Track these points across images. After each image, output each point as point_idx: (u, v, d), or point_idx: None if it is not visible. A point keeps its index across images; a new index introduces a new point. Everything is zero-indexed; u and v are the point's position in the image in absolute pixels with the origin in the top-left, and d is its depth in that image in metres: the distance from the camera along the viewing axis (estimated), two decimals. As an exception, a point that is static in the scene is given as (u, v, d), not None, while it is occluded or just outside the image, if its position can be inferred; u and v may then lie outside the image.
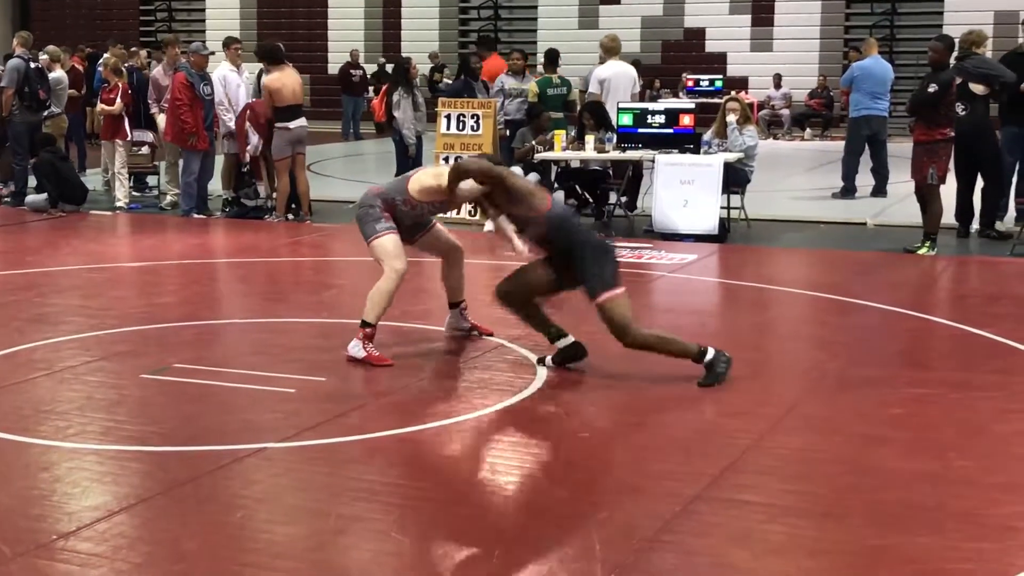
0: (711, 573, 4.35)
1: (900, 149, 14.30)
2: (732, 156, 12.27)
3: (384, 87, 14.20)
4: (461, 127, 13.42)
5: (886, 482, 5.23)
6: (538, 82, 14.48)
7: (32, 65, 14.33)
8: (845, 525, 4.74)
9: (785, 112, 25.49)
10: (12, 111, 14.29)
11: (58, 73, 15.25)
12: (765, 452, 5.63)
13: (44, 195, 13.92)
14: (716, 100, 18.91)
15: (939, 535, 4.63)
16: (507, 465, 5.41)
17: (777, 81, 25.60)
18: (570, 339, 7.04)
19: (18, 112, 14.28)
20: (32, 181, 14.49)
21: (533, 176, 12.83)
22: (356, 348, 7.11)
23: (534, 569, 4.34)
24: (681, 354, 6.75)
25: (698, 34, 27.34)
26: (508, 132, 13.70)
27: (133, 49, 17.29)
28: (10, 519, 4.77)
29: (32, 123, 14.37)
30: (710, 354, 6.68)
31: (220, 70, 14.02)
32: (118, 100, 14.16)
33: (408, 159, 13.93)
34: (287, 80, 12.98)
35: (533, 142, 12.92)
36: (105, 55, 15.68)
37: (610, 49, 14.15)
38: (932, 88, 11.13)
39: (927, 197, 11.33)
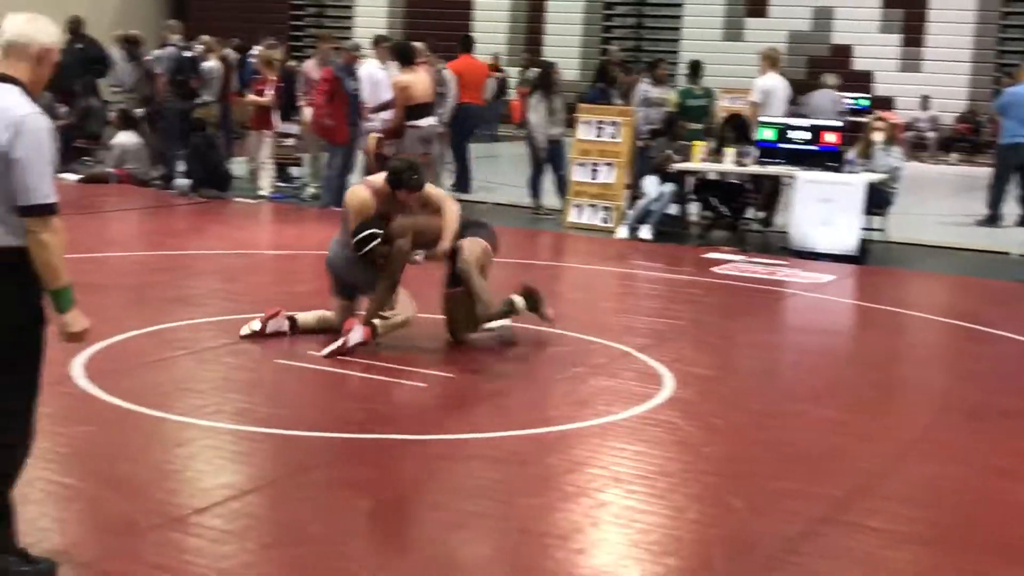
0: (831, 596, 4.30)
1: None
2: (876, 176, 12.06)
3: (526, 89, 14.24)
4: (600, 134, 13.43)
5: (1013, 516, 5.11)
6: (679, 92, 14.43)
7: (185, 54, 14.75)
8: (969, 556, 4.65)
9: (931, 135, 24.92)
10: (165, 98, 14.76)
11: (212, 63, 15.67)
12: (892, 478, 5.54)
13: (190, 180, 14.34)
14: (860, 119, 18.57)
15: (1069, 575, 4.51)
16: (629, 474, 5.41)
17: (924, 103, 25.05)
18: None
19: (170, 99, 14.75)
20: (180, 166, 14.94)
21: (668, 186, 12.80)
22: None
23: (652, 578, 4.34)
24: None
25: (845, 51, 26.86)
26: (653, 142, 13.64)
27: (273, 43, 17.74)
28: (146, 492, 4.93)
29: (183, 110, 14.81)
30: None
31: (367, 67, 14.26)
32: (269, 92, 14.48)
33: (541, 163, 13.98)
34: (418, 79, 13.14)
35: (669, 151, 12.87)
36: (257, 48, 16.06)
37: (776, 61, 14.03)
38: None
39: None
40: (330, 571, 4.27)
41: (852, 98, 25.21)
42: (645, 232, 12.64)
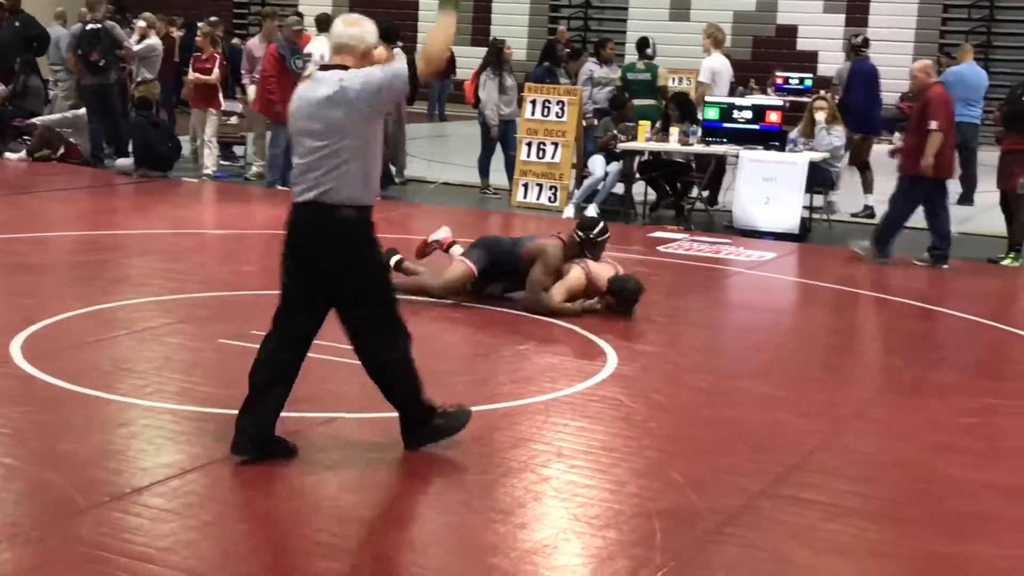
0: (771, 568, 4.35)
1: (990, 158, 14.04)
2: (818, 155, 12.16)
3: (476, 68, 14.24)
4: (546, 113, 13.43)
5: (954, 490, 5.19)
6: (623, 67, 14.47)
7: (89, 27, 14.52)
8: (909, 530, 4.72)
9: (874, 114, 25.11)
10: (80, 75, 14.68)
11: (152, 40, 15.49)
12: (832, 453, 5.61)
13: (131, 159, 14.22)
14: (805, 99, 18.70)
15: (1004, 546, 4.59)
16: (572, 449, 5.44)
17: (868, 83, 25.22)
18: None
19: (84, 76, 14.66)
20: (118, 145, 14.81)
21: (614, 165, 12.83)
22: None
23: (594, 553, 4.37)
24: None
25: (790, 31, 27.05)
26: (596, 121, 13.67)
27: (214, 20, 17.66)
28: (86, 471, 4.90)
29: (94, 86, 14.61)
30: None
31: (317, 47, 14.17)
32: (215, 70, 14.33)
33: (492, 141, 13.95)
34: (393, 59, 13.18)
35: (615, 131, 12.90)
36: (200, 24, 15.91)
37: (719, 40, 14.08)
38: (1028, 97, 10.93)
39: (1014, 207, 11.14)
40: (273, 548, 4.27)
41: (797, 78, 25.43)
42: (591, 211, 12.67)
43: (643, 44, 14.71)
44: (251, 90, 14.41)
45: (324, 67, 5.02)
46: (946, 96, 10.68)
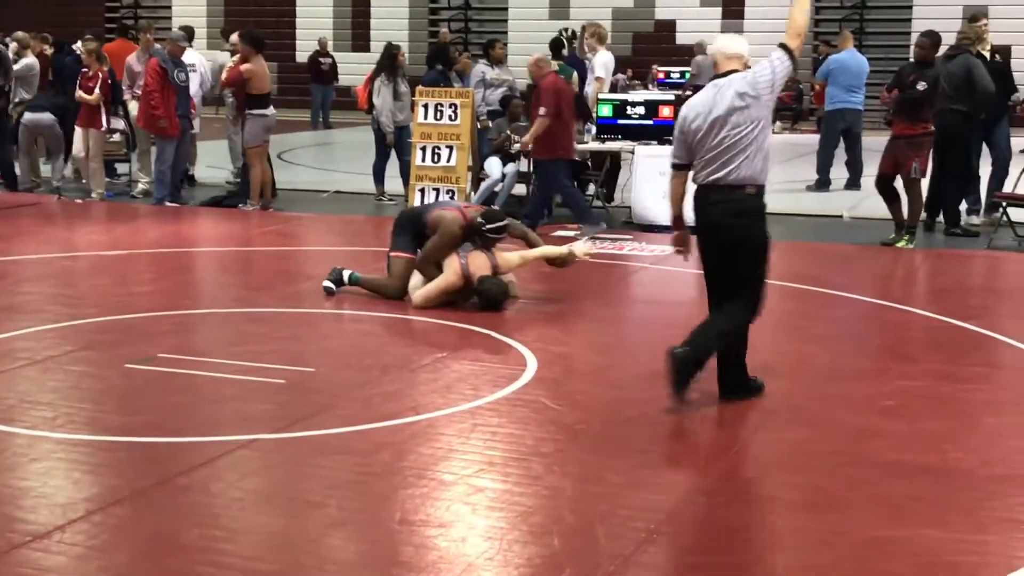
0: (717, 566, 4.31)
1: (874, 142, 14.32)
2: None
3: (368, 74, 14.06)
4: (439, 116, 13.30)
5: (885, 474, 5.22)
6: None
7: None
8: (848, 517, 4.72)
9: (755, 105, 25.49)
10: None
11: (29, 59, 15.02)
12: (762, 445, 5.61)
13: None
14: (688, 92, 18.87)
15: (943, 527, 4.61)
16: (504, 457, 5.35)
17: (748, 74, 25.61)
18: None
19: None
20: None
21: (511, 167, 12.77)
22: None
23: (539, 563, 4.28)
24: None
25: (669, 26, 27.37)
26: (491, 123, 13.60)
27: (45, 35, 17.29)
28: (1, 511, 4.67)
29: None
30: None
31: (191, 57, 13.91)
32: (97, 89, 13.87)
33: (387, 148, 13.80)
34: (264, 69, 12.96)
35: (508, 131, 12.85)
36: (80, 42, 15.47)
37: (603, 37, 14.10)
38: (921, 86, 11.13)
39: (908, 191, 11.33)
40: (207, 581, 4.10)
41: (678, 72, 25.69)
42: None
43: (558, 44, 14.60)
44: (133, 106, 14.05)
45: (716, 76, 6.04)
46: (555, 85, 11.49)
